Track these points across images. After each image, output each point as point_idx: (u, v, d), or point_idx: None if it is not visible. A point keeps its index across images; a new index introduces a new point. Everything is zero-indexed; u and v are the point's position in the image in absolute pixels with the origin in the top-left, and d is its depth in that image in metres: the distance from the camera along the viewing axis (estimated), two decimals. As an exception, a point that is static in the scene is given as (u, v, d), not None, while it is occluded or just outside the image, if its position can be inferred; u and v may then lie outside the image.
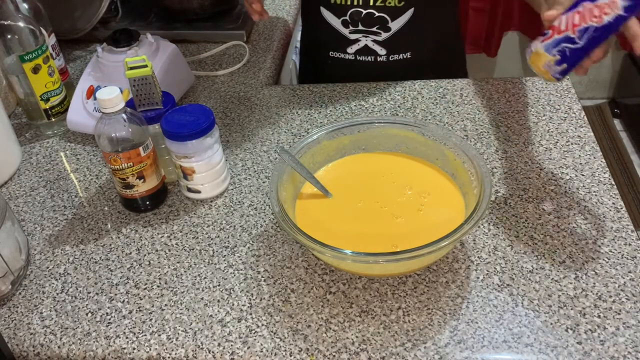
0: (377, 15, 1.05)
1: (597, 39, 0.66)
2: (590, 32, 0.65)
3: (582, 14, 0.66)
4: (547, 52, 0.69)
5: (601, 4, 0.64)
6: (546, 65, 0.69)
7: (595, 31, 0.65)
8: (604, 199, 0.83)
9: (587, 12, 0.65)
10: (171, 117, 0.83)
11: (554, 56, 0.68)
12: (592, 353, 0.65)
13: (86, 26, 1.24)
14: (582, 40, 0.66)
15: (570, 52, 0.67)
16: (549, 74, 0.69)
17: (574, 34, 0.66)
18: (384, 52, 1.10)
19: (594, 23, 0.65)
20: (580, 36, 0.66)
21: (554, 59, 0.68)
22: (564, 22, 0.67)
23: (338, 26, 1.09)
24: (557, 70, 0.69)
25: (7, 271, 0.76)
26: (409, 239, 0.73)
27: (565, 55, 0.67)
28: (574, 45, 0.67)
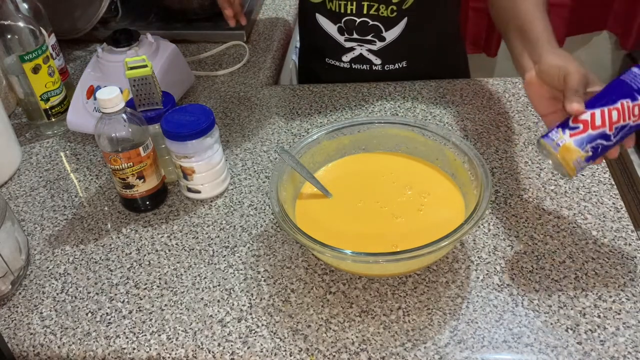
0: (371, 24, 1.05)
1: (628, 135, 0.65)
2: (626, 130, 0.64)
3: (622, 112, 0.63)
4: (580, 147, 0.65)
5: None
6: (576, 162, 0.65)
7: (629, 129, 0.64)
8: (604, 199, 0.83)
9: (627, 110, 0.63)
10: (171, 117, 0.83)
11: (587, 152, 0.65)
12: (592, 353, 0.65)
13: (86, 26, 1.24)
14: (617, 137, 0.64)
15: (602, 148, 0.64)
16: (575, 169, 0.66)
17: (611, 130, 0.64)
18: (379, 61, 1.10)
19: (632, 122, 0.63)
20: (616, 133, 0.64)
21: (585, 155, 0.65)
22: (598, 118, 0.64)
23: (334, 33, 1.09)
24: (582, 166, 0.65)
25: (7, 271, 0.76)
26: (409, 239, 0.73)
27: (596, 151, 0.64)
28: (607, 142, 0.64)
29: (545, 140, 0.67)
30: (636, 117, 0.63)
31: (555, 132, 0.66)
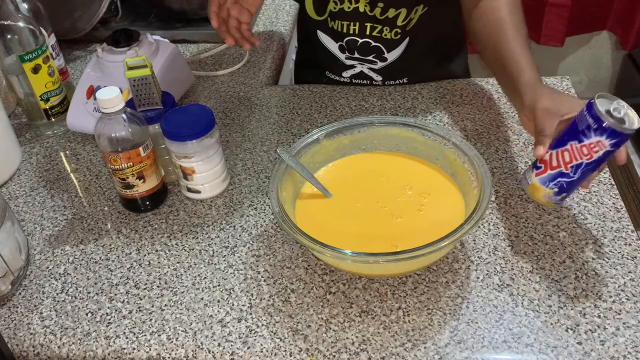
0: (374, 45, 1.05)
1: (590, 169, 0.68)
2: (583, 167, 0.67)
3: (571, 152, 0.67)
4: (544, 185, 0.71)
5: (588, 144, 0.66)
6: (546, 197, 0.71)
7: (587, 165, 0.67)
8: (604, 199, 0.83)
9: (576, 151, 0.67)
10: (171, 117, 0.83)
11: (552, 189, 0.70)
12: (592, 353, 0.65)
13: (86, 26, 1.24)
14: (577, 174, 0.68)
15: (566, 184, 0.69)
16: (550, 202, 0.72)
17: (567, 169, 0.68)
18: (379, 78, 1.10)
19: (585, 160, 0.67)
20: (574, 171, 0.68)
21: (552, 192, 0.70)
22: (554, 159, 0.69)
23: (335, 50, 1.09)
24: (557, 199, 0.71)
25: (7, 271, 0.76)
26: (409, 239, 0.73)
27: (562, 187, 0.70)
28: (569, 179, 0.69)
29: (523, 178, 0.74)
30: (587, 155, 0.66)
31: (529, 171, 0.73)
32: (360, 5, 1.00)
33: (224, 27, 0.99)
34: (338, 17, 1.03)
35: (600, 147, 0.65)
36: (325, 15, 1.05)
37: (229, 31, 0.99)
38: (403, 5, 0.98)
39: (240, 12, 0.98)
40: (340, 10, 1.02)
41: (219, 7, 0.97)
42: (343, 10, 1.01)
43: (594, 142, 0.65)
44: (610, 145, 0.65)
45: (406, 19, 1.00)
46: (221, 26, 0.98)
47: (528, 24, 0.90)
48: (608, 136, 0.64)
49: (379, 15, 1.00)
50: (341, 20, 1.03)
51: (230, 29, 0.99)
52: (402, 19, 1.00)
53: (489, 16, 0.89)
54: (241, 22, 0.99)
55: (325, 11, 1.04)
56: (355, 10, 1.00)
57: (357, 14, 1.01)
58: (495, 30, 0.87)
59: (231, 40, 0.99)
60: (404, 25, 1.01)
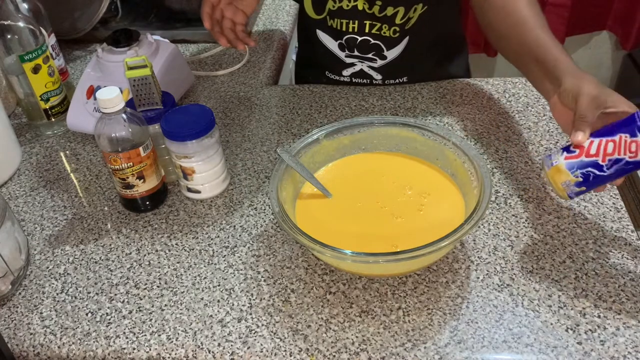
0: (373, 43, 1.04)
1: (626, 170, 0.65)
2: (621, 165, 0.64)
3: (617, 145, 0.64)
4: (570, 171, 0.66)
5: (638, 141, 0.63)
6: (565, 184, 0.67)
7: (626, 164, 0.64)
8: (604, 199, 0.83)
9: (624, 145, 0.64)
10: (171, 117, 0.83)
11: (576, 177, 0.66)
12: (592, 353, 0.65)
13: (86, 26, 1.24)
14: (611, 170, 0.65)
15: (594, 177, 0.65)
16: (565, 192, 0.67)
17: (604, 161, 0.65)
18: (379, 77, 1.10)
19: (628, 157, 0.64)
20: (610, 165, 0.65)
21: (575, 180, 0.66)
22: (595, 147, 0.65)
23: (334, 49, 1.09)
24: (574, 190, 0.67)
25: (7, 271, 0.75)
26: (409, 239, 0.73)
27: (587, 178, 0.66)
28: (600, 172, 0.65)
29: (546, 158, 0.69)
30: (633, 153, 0.64)
31: (556, 153, 0.68)
32: (359, 3, 1.00)
33: (217, 28, 0.98)
34: (337, 16, 1.03)
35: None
36: (324, 14, 1.05)
37: (223, 32, 0.99)
38: (401, 4, 0.98)
39: (234, 13, 0.97)
40: (339, 8, 1.02)
41: (212, 9, 0.96)
42: (342, 9, 1.01)
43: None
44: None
45: (404, 17, 1.00)
46: (214, 27, 0.98)
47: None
48: None
49: (378, 13, 1.00)
50: (340, 19, 1.03)
51: (224, 30, 0.98)
52: (400, 17, 1.00)
53: (507, 12, 0.86)
54: (236, 24, 0.98)
55: (324, 10, 1.04)
56: (354, 8, 1.00)
57: (355, 12, 1.01)
58: (517, 22, 0.84)
59: (224, 41, 0.98)
60: (403, 23, 1.01)
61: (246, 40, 0.99)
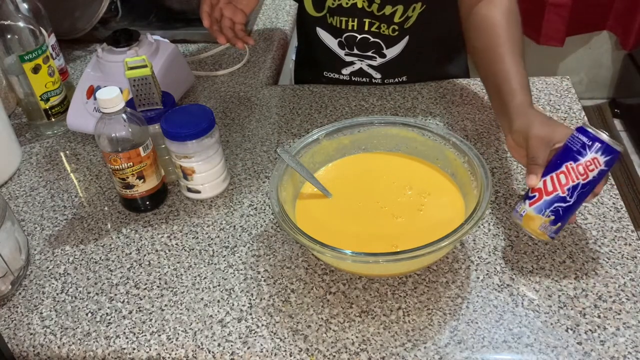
0: (372, 41, 1.05)
1: (585, 192, 0.68)
2: (579, 188, 0.68)
3: (567, 174, 0.68)
4: (541, 214, 0.69)
5: (585, 163, 0.67)
6: (542, 227, 0.70)
7: (582, 187, 0.68)
8: (604, 199, 0.83)
9: (572, 171, 0.67)
10: (171, 117, 0.83)
11: (549, 217, 0.69)
12: (592, 353, 0.65)
13: (86, 26, 1.24)
14: (574, 197, 0.68)
15: (563, 210, 0.69)
16: (545, 234, 0.70)
17: (564, 192, 0.68)
18: (379, 75, 1.10)
19: (582, 180, 0.67)
20: (571, 194, 0.68)
21: (548, 220, 0.69)
22: (550, 184, 0.69)
23: (334, 47, 1.09)
24: (552, 229, 0.70)
25: (7, 271, 0.76)
26: (409, 239, 0.73)
27: (558, 213, 0.69)
28: (565, 203, 0.68)
29: (513, 214, 0.73)
30: (583, 175, 0.67)
31: (521, 204, 0.72)
32: (359, 1, 1.00)
33: (216, 26, 0.99)
34: (336, 13, 1.03)
35: (596, 165, 0.67)
36: (324, 12, 1.05)
37: (222, 30, 0.99)
38: (399, 2, 0.99)
39: (234, 12, 0.98)
40: (339, 6, 1.02)
41: (211, 8, 0.97)
42: (341, 6, 1.02)
43: (590, 160, 0.67)
44: (604, 164, 0.67)
45: (403, 16, 1.00)
46: (213, 25, 0.98)
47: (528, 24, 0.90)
48: (603, 152, 0.66)
49: (377, 11, 1.00)
50: (340, 16, 1.03)
51: (223, 28, 0.99)
52: (399, 16, 1.00)
53: (484, 25, 0.88)
54: (235, 23, 0.99)
55: (324, 7, 1.04)
56: (354, 6, 1.01)
57: (355, 10, 1.01)
58: (489, 45, 0.86)
59: (223, 39, 0.98)
60: (402, 22, 1.01)
61: (245, 39, 0.99)
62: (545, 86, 1.05)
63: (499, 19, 0.87)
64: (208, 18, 0.97)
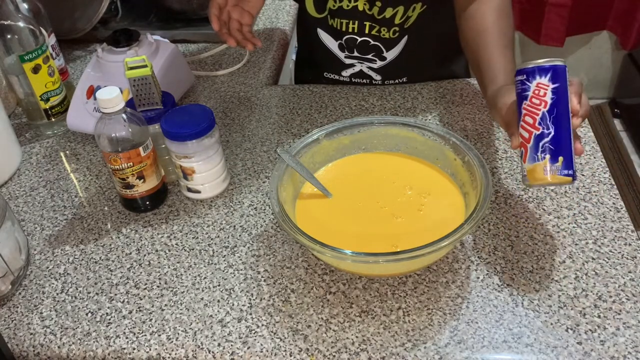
0: (372, 44, 1.05)
1: (559, 116, 0.67)
2: (549, 116, 0.67)
3: (529, 112, 0.68)
4: (535, 161, 0.68)
5: (533, 94, 0.67)
6: (546, 171, 0.68)
7: (549, 113, 0.67)
8: (604, 199, 0.83)
9: (530, 107, 0.68)
10: (171, 117, 0.83)
11: (544, 159, 0.68)
12: (593, 353, 0.65)
13: (86, 26, 1.24)
14: (550, 128, 0.67)
15: (551, 143, 0.67)
16: (557, 175, 0.67)
17: (538, 129, 0.68)
18: (379, 77, 1.10)
19: (543, 109, 0.67)
20: (545, 126, 0.67)
21: (546, 160, 0.68)
22: (523, 131, 0.69)
23: (334, 49, 1.09)
24: (558, 166, 0.67)
25: (7, 271, 0.76)
26: (409, 239, 0.73)
27: (550, 149, 0.67)
28: (548, 137, 0.67)
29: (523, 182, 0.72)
30: (540, 104, 0.67)
31: (521, 169, 0.72)
32: (359, 4, 1.00)
33: (225, 29, 0.99)
34: (337, 15, 1.03)
35: (544, 88, 0.67)
36: (325, 13, 1.05)
37: (231, 33, 0.99)
38: (400, 3, 0.99)
39: (241, 14, 0.98)
40: (339, 8, 1.02)
41: (219, 10, 0.97)
42: (342, 9, 1.02)
43: (535, 87, 0.67)
44: (550, 81, 0.67)
45: (403, 16, 1.00)
46: (222, 28, 0.98)
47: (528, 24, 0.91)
48: (540, 74, 0.67)
49: (377, 14, 1.00)
50: (340, 19, 1.03)
51: (232, 31, 0.99)
52: (399, 17, 1.00)
53: (476, 21, 0.90)
54: (242, 24, 0.99)
55: (325, 9, 1.04)
56: (354, 8, 1.01)
57: (356, 12, 1.01)
58: (478, 36, 0.88)
59: (233, 42, 0.99)
60: (402, 23, 1.01)
61: (254, 40, 1.00)
62: (545, 86, 1.05)
63: (489, 13, 0.89)
64: (217, 21, 0.97)
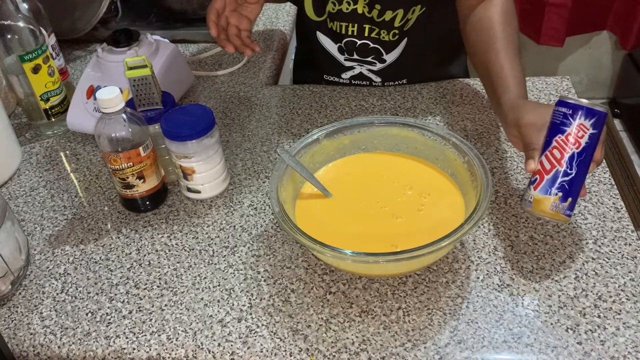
0: (372, 47, 1.05)
1: (584, 161, 0.68)
2: (576, 158, 0.68)
3: (559, 147, 0.68)
4: (547, 194, 0.69)
5: (572, 131, 0.67)
6: (553, 207, 0.69)
7: (579, 155, 0.68)
8: (604, 199, 0.83)
9: (563, 143, 0.68)
10: (171, 117, 0.83)
11: (556, 195, 0.69)
12: (592, 353, 0.65)
13: (86, 26, 1.24)
14: (573, 169, 0.68)
15: (567, 184, 0.68)
16: (560, 213, 0.69)
17: (562, 166, 0.68)
18: (378, 79, 1.10)
19: (575, 149, 0.67)
20: (569, 166, 0.68)
21: (557, 197, 0.69)
22: (546, 162, 0.69)
23: (334, 52, 1.09)
24: (565, 206, 0.69)
25: (7, 271, 0.76)
26: (409, 239, 0.73)
27: (564, 188, 0.68)
28: (568, 176, 0.68)
29: (523, 204, 0.72)
30: (575, 144, 0.68)
31: (527, 192, 0.72)
32: (359, 7, 1.00)
33: (224, 35, 0.99)
34: (337, 18, 1.03)
35: (584, 131, 0.67)
36: (325, 16, 1.05)
37: (229, 39, 0.99)
38: (400, 6, 0.99)
39: (239, 20, 0.98)
40: (339, 11, 1.02)
41: (217, 16, 0.97)
42: (341, 12, 1.01)
43: (577, 127, 0.67)
44: (592, 127, 0.67)
45: (403, 19, 1.00)
46: (220, 34, 0.98)
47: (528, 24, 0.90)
48: (586, 117, 0.67)
49: (377, 17, 1.00)
50: (340, 22, 1.03)
51: (230, 36, 0.98)
52: (399, 20, 1.00)
53: (482, 26, 0.89)
54: (241, 30, 0.99)
55: (325, 12, 1.04)
56: (354, 11, 1.01)
57: (355, 15, 1.01)
58: (485, 43, 0.87)
59: (231, 48, 0.98)
60: (402, 25, 1.01)
61: (252, 45, 1.00)
62: (545, 86, 1.05)
63: (496, 19, 0.88)
64: (215, 27, 0.97)
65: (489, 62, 0.85)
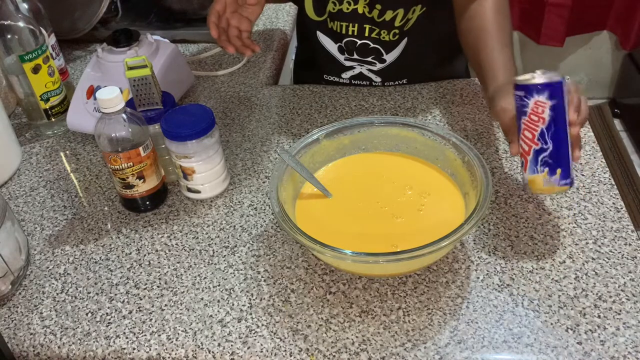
0: (372, 47, 1.05)
1: (557, 131, 0.68)
2: (547, 132, 0.68)
3: (528, 128, 0.69)
4: (535, 173, 0.70)
5: (532, 111, 0.68)
6: (546, 182, 0.70)
7: (548, 129, 0.68)
8: (604, 199, 0.83)
9: (530, 123, 0.69)
10: (171, 117, 0.83)
11: (543, 171, 0.70)
12: (593, 353, 0.65)
13: (86, 26, 1.24)
14: (549, 142, 0.69)
15: (549, 157, 0.69)
16: (555, 186, 0.70)
17: (537, 144, 0.69)
18: (379, 79, 1.10)
19: (542, 125, 0.68)
20: (543, 141, 0.69)
21: (545, 173, 0.70)
22: (523, 144, 0.71)
23: (334, 52, 1.09)
24: (556, 178, 0.70)
25: (7, 271, 0.76)
26: (409, 239, 0.73)
27: (548, 162, 0.69)
28: (546, 152, 0.69)
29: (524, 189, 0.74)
30: (538, 121, 0.68)
31: (522, 176, 0.73)
32: (359, 7, 1.00)
33: (224, 36, 0.99)
34: (337, 18, 1.03)
35: (542, 106, 0.68)
36: (325, 16, 1.05)
37: (230, 40, 0.99)
38: (400, 6, 0.99)
39: (240, 21, 0.98)
40: (339, 11, 1.02)
41: (218, 18, 0.97)
42: (342, 11, 1.02)
43: (534, 105, 0.68)
44: (549, 99, 0.67)
45: (403, 19, 1.00)
46: (221, 36, 0.98)
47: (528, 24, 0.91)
48: (538, 93, 0.67)
49: (377, 17, 1.00)
50: (340, 21, 1.03)
51: (230, 37, 0.98)
52: (399, 20, 1.00)
53: (475, 21, 0.91)
54: (241, 31, 0.99)
55: (325, 12, 1.04)
56: (354, 11, 1.01)
57: (355, 15, 1.01)
58: (477, 36, 0.89)
59: (232, 49, 0.98)
60: (402, 25, 1.01)
61: (252, 46, 1.00)
62: (545, 86, 1.05)
63: (488, 13, 0.90)
64: (216, 29, 0.97)
65: (479, 54, 0.87)
